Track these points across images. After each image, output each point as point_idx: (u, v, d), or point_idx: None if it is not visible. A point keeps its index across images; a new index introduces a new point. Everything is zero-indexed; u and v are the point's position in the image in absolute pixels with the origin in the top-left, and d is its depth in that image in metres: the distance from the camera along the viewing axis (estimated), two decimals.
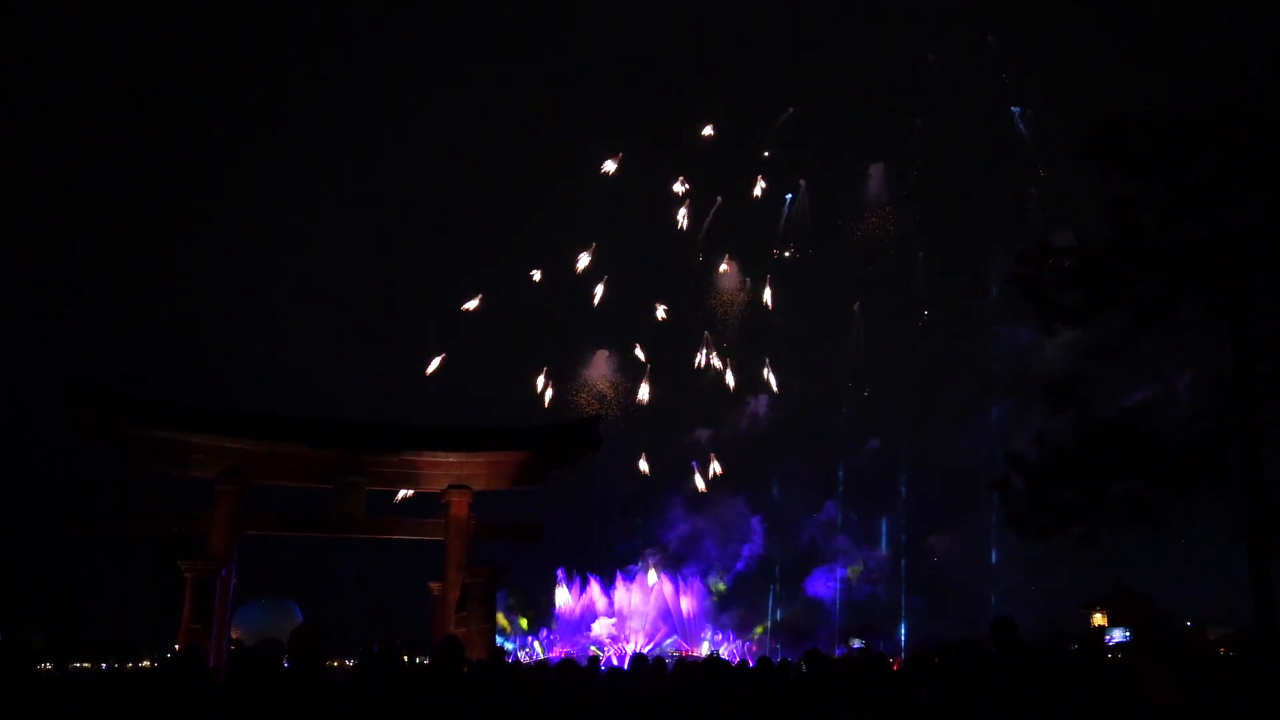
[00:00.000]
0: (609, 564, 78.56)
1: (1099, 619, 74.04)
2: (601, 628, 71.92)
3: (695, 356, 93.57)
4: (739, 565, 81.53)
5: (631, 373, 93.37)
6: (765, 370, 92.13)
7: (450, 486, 33.82)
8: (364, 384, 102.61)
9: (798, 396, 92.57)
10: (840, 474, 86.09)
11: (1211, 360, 18.24)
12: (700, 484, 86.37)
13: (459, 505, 33.81)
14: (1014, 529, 19.47)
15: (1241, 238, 17.34)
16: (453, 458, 33.76)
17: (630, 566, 77.24)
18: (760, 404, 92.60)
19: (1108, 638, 66.22)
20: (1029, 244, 19.26)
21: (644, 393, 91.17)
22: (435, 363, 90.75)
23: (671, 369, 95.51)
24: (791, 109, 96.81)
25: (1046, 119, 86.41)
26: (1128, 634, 67.73)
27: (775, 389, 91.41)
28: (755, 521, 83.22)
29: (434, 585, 34.24)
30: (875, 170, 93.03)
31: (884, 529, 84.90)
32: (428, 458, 33.65)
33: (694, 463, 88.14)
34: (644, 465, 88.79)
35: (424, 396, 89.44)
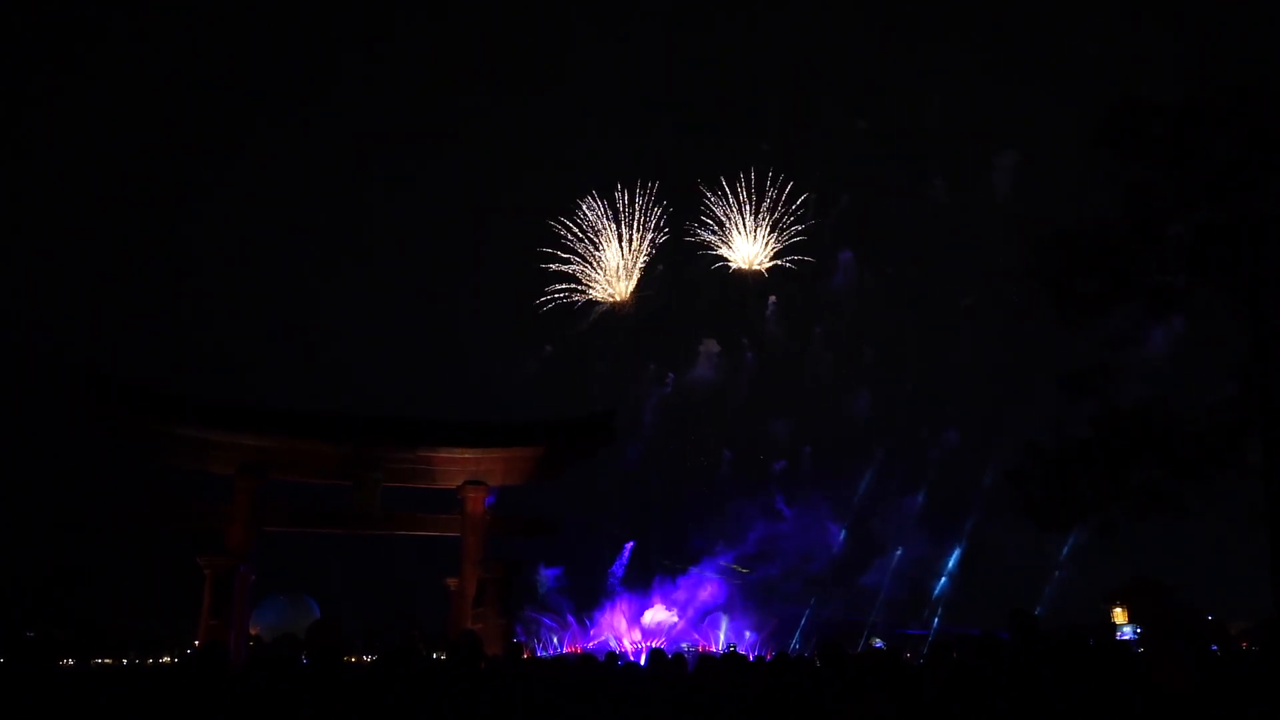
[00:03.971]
0: (683, 560, 77.24)
1: (1119, 614, 73.16)
2: (653, 617, 69.31)
3: (803, 350, 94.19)
4: (813, 567, 79.10)
5: (737, 364, 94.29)
6: (867, 366, 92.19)
7: (466, 483, 33.94)
8: (437, 384, 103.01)
9: (899, 393, 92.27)
10: (920, 470, 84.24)
11: (1230, 348, 18.07)
12: (782, 490, 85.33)
13: (475, 501, 33.94)
14: (1031, 518, 19.36)
15: (1259, 224, 17.15)
16: (468, 454, 33.88)
17: (704, 561, 75.43)
18: (861, 402, 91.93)
19: (1119, 634, 65.49)
20: (1046, 233, 19.07)
21: (743, 386, 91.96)
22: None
23: (777, 363, 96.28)
24: (937, 98, 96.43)
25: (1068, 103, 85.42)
26: (1136, 630, 66.95)
27: (874, 385, 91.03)
28: (834, 528, 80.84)
29: (451, 581, 34.39)
30: (1003, 160, 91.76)
31: (955, 524, 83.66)
32: (444, 454, 33.76)
33: (778, 464, 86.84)
34: (728, 461, 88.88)
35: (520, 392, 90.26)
